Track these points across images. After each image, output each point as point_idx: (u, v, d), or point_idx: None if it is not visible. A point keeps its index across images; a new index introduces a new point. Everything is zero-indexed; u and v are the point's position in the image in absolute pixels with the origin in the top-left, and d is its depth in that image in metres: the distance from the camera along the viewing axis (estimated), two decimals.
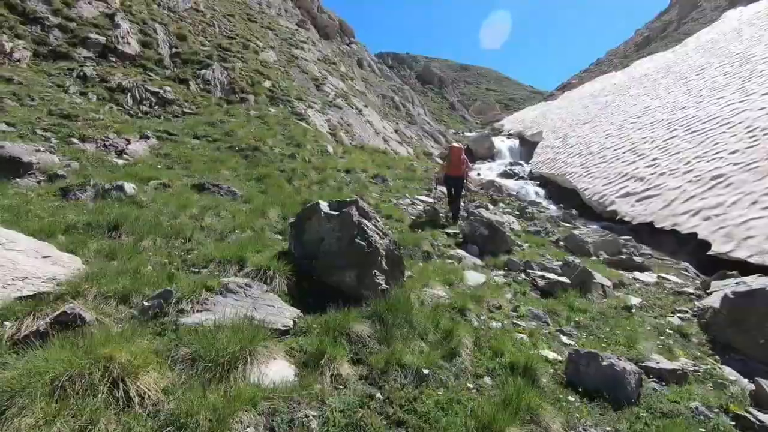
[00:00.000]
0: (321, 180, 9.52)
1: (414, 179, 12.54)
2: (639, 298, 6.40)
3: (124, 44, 14.87)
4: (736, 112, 16.02)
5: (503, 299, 5.25)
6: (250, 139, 10.84)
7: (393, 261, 4.64)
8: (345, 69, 30.44)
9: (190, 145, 9.85)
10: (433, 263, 6.31)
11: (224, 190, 7.01)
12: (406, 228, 7.72)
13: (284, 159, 10.28)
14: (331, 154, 12.38)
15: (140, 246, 4.47)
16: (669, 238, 12.67)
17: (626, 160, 17.59)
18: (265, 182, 8.21)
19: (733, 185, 12.41)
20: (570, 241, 8.88)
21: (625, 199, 15.03)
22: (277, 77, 18.69)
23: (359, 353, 3.27)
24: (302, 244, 4.69)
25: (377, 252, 4.36)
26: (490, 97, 75.15)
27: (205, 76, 15.51)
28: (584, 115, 27.39)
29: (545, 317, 4.95)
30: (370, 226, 4.52)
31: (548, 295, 5.93)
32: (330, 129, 15.97)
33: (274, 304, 3.47)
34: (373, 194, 9.77)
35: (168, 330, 2.93)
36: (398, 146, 20.36)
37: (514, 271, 6.53)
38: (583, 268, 6.30)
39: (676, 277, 7.58)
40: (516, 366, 3.51)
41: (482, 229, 7.46)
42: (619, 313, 5.64)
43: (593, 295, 6.07)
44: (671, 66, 27.17)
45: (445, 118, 48.57)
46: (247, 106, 14.59)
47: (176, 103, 13.06)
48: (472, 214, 9.23)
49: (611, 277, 7.00)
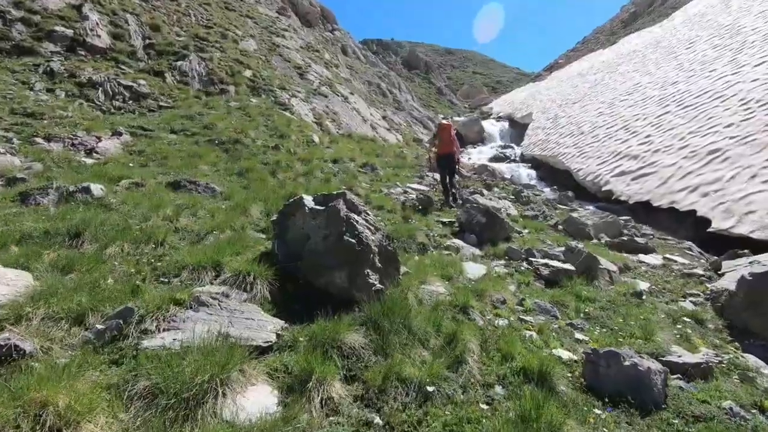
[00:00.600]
0: (307, 171, 9.04)
1: (404, 166, 12.10)
2: (647, 282, 6.09)
3: (93, 37, 14.08)
4: (729, 84, 15.73)
5: (507, 292, 4.88)
6: (230, 131, 10.28)
7: (387, 257, 4.23)
8: (329, 56, 29.65)
9: (166, 140, 9.28)
10: (430, 256, 5.92)
11: (202, 187, 6.51)
12: (399, 219, 7.31)
13: (267, 151, 9.76)
14: (317, 143, 11.87)
15: (104, 254, 4.00)
16: (666, 216, 12.43)
17: (619, 138, 17.28)
18: (247, 176, 7.72)
19: (730, 159, 12.15)
20: (569, 225, 8.55)
21: (620, 178, 14.75)
22: (258, 66, 17.99)
23: (353, 368, 2.87)
24: (286, 244, 4.25)
25: (369, 249, 3.94)
26: (477, 80, 74.39)
27: (182, 68, 14.79)
28: (574, 94, 27.02)
29: (553, 310, 4.59)
30: (360, 221, 4.10)
31: (553, 284, 5.58)
32: (315, 118, 15.39)
33: (253, 316, 3.05)
34: (363, 184, 9.33)
35: (127, 357, 2.50)
36: (387, 133, 19.83)
37: (516, 260, 6.16)
38: (587, 254, 5.95)
39: (682, 258, 7.29)
40: (529, 371, 3.14)
41: (479, 216, 7.07)
42: (629, 300, 5.31)
43: (600, 282, 5.73)
44: (660, 41, 26.81)
45: (433, 104, 47.91)
46: (227, 98, 13.95)
47: (151, 96, 12.40)
48: (467, 201, 8.85)
49: (615, 261, 6.68)
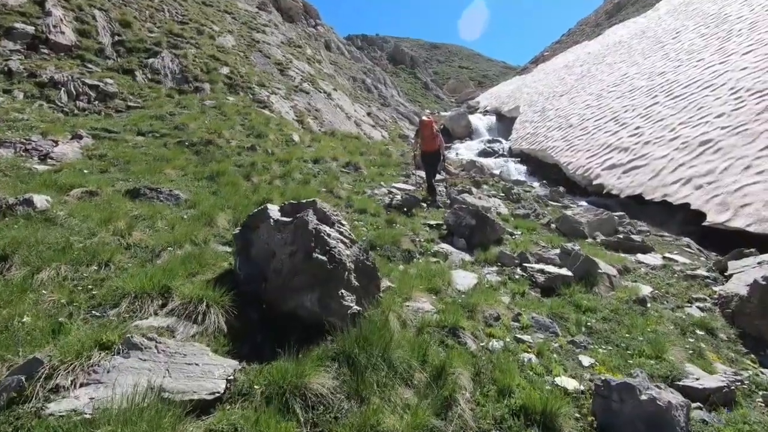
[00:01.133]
0: (285, 173, 8.47)
1: (390, 165, 11.58)
2: (649, 285, 5.68)
3: (57, 33, 13.27)
4: (718, 73, 15.49)
5: (501, 305, 4.40)
6: (203, 132, 9.65)
7: (365, 273, 3.72)
8: (311, 52, 28.92)
9: (132, 142, 8.63)
10: (416, 264, 5.43)
11: (165, 194, 5.91)
12: (383, 223, 6.79)
13: (242, 152, 9.16)
14: (297, 143, 11.28)
15: (35, 281, 3.42)
16: (659, 209, 12.13)
17: (608, 130, 16.97)
18: (218, 181, 7.13)
19: (723, 150, 11.88)
20: (563, 224, 8.12)
21: (611, 172, 14.43)
22: (236, 63, 17.27)
23: (319, 422, 2.36)
24: (249, 261, 3.71)
25: (343, 266, 3.42)
26: (463, 74, 74.07)
27: (154, 65, 14.05)
28: (561, 86, 26.72)
29: (553, 326, 4.13)
30: (333, 234, 3.57)
31: (550, 292, 5.13)
32: (296, 116, 14.77)
33: (198, 359, 2.51)
34: (345, 185, 8.79)
35: (23, 429, 1.95)
36: (372, 130, 19.28)
37: (509, 266, 5.70)
38: (585, 258, 5.51)
39: (682, 257, 6.91)
40: (531, 410, 2.67)
41: (468, 218, 6.59)
42: (632, 308, 4.88)
43: (600, 288, 5.30)
44: (645, 31, 26.62)
45: (419, 98, 47.42)
46: (202, 96, 13.26)
47: (120, 96, 11.68)
48: (455, 200, 8.38)
49: (614, 262, 6.26)
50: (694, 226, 10.91)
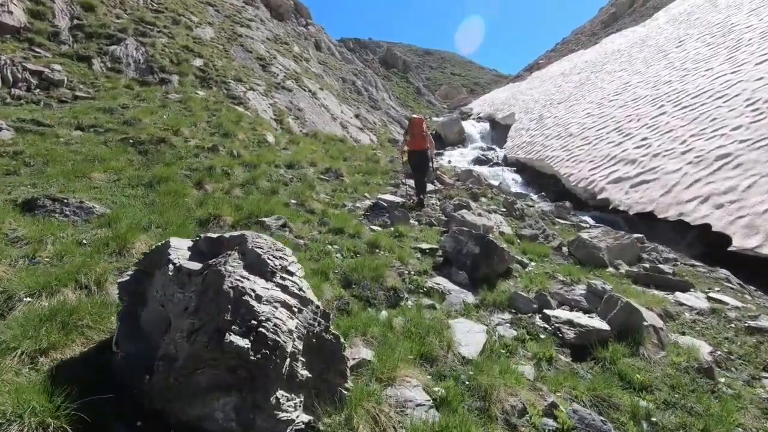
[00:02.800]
0: (249, 180, 7.04)
1: (377, 172, 10.21)
2: (703, 341, 4.38)
3: (3, 13, 11.69)
4: (730, 84, 14.48)
5: (523, 385, 3.05)
6: (156, 128, 8.17)
7: (322, 354, 2.34)
8: (299, 50, 27.50)
9: (65, 138, 7.12)
10: (404, 310, 4.05)
11: (73, 207, 4.45)
12: (364, 246, 5.41)
13: (201, 153, 7.70)
14: (271, 144, 9.85)
15: None
16: (669, 227, 11.00)
17: (612, 140, 15.87)
18: (159, 189, 5.68)
19: (743, 166, 10.77)
20: (578, 248, 6.83)
21: (617, 186, 13.28)
22: (212, 56, 15.78)
23: None
24: (137, 332, 2.30)
25: (279, 352, 2.03)
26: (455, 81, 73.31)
27: (115, 53, 12.50)
28: (558, 94, 25.71)
29: (605, 426, 2.77)
30: (268, 294, 2.17)
31: (584, 354, 3.80)
32: (275, 114, 13.34)
33: None
34: (322, 196, 7.40)
35: None
36: (359, 133, 17.91)
37: (525, 312, 4.35)
38: (625, 304, 4.19)
39: (728, 297, 5.64)
40: None
41: (471, 244, 5.24)
42: (696, 381, 3.58)
43: (647, 348, 3.98)
44: (645, 40, 25.80)
45: (411, 103, 46.26)
46: (167, 89, 11.75)
47: (67, 85, 10.13)
48: (452, 218, 7.04)
49: (651, 304, 4.96)
50: (706, 247, 9.80)
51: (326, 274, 4.35)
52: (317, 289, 3.90)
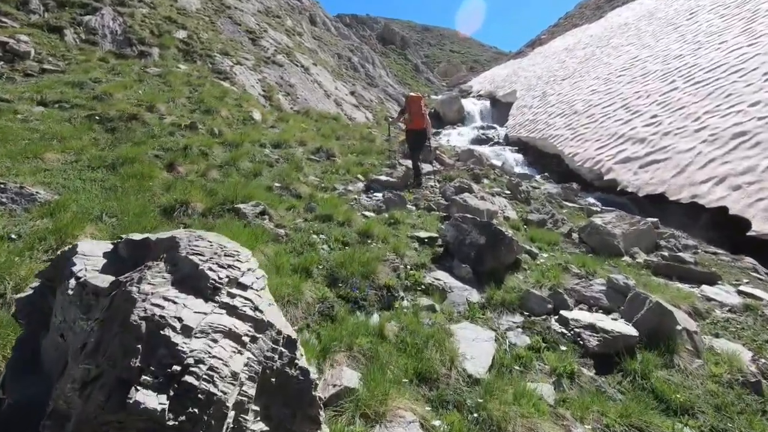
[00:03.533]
0: (229, 160, 6.36)
1: (371, 152, 9.52)
2: (741, 344, 3.83)
3: None
4: (747, 57, 13.65)
5: (543, 411, 2.49)
6: (129, 104, 7.44)
7: (285, 395, 1.75)
8: (292, 23, 26.29)
9: (23, 115, 6.40)
10: (398, 313, 3.46)
11: (12, 193, 3.80)
12: (354, 236, 4.80)
13: (177, 132, 6.99)
14: (257, 122, 9.11)
15: None
16: (681, 210, 10.41)
17: (619, 118, 15.11)
18: (123, 171, 5.01)
19: (762, 144, 10.12)
20: (590, 235, 6.24)
21: (626, 166, 12.61)
22: (197, 28, 14.81)
23: None
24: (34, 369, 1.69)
25: (215, 410, 1.42)
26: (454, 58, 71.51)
27: (90, 24, 11.60)
28: (562, 70, 24.74)
29: None
30: (200, 327, 1.54)
31: (609, 365, 3.24)
32: (264, 90, 12.52)
33: None
34: (310, 178, 6.74)
35: None
36: (354, 111, 17.08)
37: (539, 315, 3.77)
38: (655, 305, 3.61)
39: (760, 290, 5.07)
40: None
41: (475, 233, 4.63)
42: (743, 399, 3.03)
43: (681, 356, 3.42)
44: (654, 12, 24.69)
45: (409, 81, 44.96)
46: (146, 62, 10.91)
47: (35, 57, 9.30)
48: (453, 201, 6.42)
49: (677, 300, 4.39)
50: (720, 231, 9.24)
51: (309, 271, 3.75)
52: (296, 290, 3.31)
